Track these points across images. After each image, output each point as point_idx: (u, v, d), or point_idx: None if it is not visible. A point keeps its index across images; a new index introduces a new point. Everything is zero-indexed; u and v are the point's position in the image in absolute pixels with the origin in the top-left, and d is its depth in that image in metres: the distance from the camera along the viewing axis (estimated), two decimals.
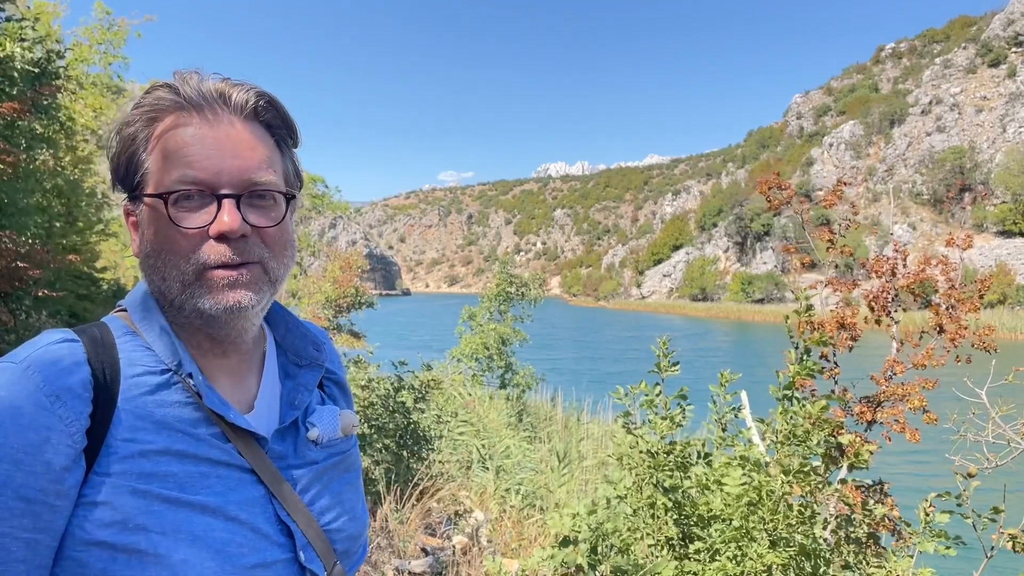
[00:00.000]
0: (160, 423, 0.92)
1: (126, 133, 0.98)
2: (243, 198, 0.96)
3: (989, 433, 4.06)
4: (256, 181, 0.97)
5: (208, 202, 0.94)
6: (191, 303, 0.95)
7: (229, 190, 0.95)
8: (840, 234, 5.53)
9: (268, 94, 1.02)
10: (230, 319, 0.98)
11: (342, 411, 1.14)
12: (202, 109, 0.97)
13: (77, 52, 13.24)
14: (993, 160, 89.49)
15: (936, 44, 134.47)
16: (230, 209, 0.94)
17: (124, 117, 0.99)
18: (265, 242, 0.98)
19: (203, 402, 0.96)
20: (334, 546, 1.05)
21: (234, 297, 0.95)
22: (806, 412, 3.44)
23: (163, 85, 0.98)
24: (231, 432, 0.97)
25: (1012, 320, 57.13)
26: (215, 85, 0.98)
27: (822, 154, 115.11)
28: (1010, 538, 3.45)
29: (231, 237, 0.94)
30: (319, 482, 1.06)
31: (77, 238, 12.60)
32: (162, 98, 0.97)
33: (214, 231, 0.94)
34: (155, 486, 0.88)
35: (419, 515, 6.07)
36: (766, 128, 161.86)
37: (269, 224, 0.98)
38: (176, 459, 0.91)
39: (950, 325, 5.05)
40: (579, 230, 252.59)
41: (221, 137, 0.96)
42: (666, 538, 3.65)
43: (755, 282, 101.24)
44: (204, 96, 0.97)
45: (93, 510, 0.85)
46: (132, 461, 0.88)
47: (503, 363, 14.91)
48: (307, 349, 1.15)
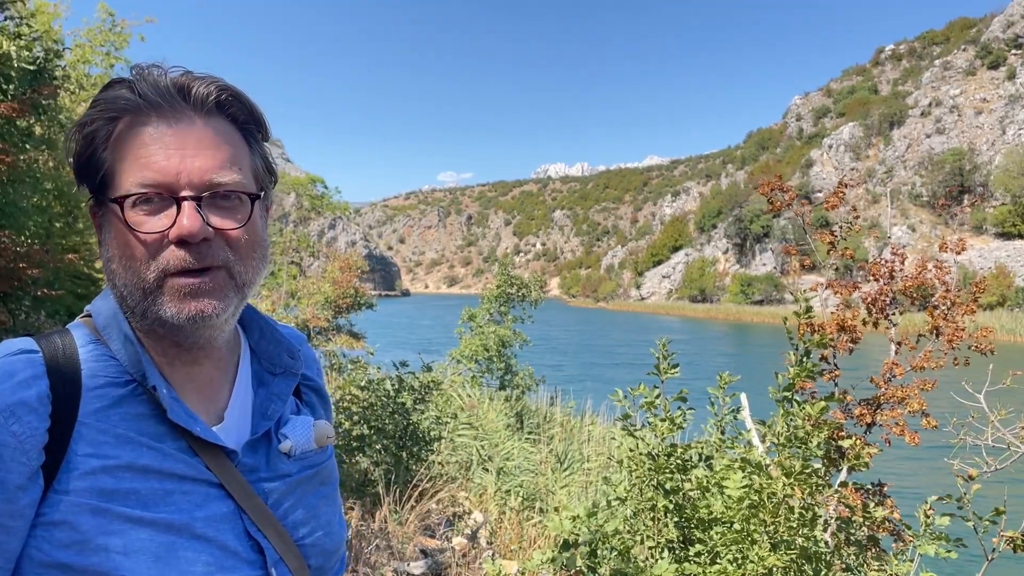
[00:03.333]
0: (123, 437, 0.88)
1: (86, 132, 0.93)
2: (204, 199, 0.91)
3: (988, 437, 4.06)
4: (218, 182, 0.91)
5: (167, 205, 0.90)
6: (153, 311, 0.91)
7: (189, 192, 0.90)
8: (841, 236, 5.53)
9: (231, 87, 0.97)
10: (194, 328, 0.93)
11: (316, 422, 1.09)
12: (160, 107, 0.92)
13: (79, 53, 13.22)
14: (992, 162, 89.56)
15: (935, 46, 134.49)
16: (190, 212, 0.89)
17: (85, 115, 0.94)
18: (230, 245, 0.93)
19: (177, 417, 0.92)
20: (308, 561, 1.01)
21: (197, 306, 0.90)
22: (806, 414, 3.43)
23: (121, 81, 0.94)
24: (198, 445, 0.93)
25: (1011, 322, 57.15)
26: (174, 80, 0.93)
27: (821, 156, 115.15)
28: (1010, 541, 3.45)
29: (192, 241, 0.89)
30: (292, 495, 1.02)
31: (77, 238, 12.60)
32: (120, 96, 0.92)
33: (173, 235, 0.89)
34: (116, 504, 0.84)
35: (418, 516, 6.06)
36: (765, 129, 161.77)
37: (234, 226, 0.93)
38: (140, 474, 0.87)
39: (947, 328, 5.05)
40: (578, 231, 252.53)
41: (180, 136, 0.91)
42: (666, 540, 3.64)
43: (754, 284, 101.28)
44: (162, 93, 0.92)
45: (52, 530, 0.82)
46: (93, 477, 0.84)
47: (503, 364, 14.91)
48: (281, 356, 1.10)
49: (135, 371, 0.92)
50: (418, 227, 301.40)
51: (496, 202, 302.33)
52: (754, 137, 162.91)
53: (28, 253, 8.29)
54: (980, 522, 3.50)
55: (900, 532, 4.28)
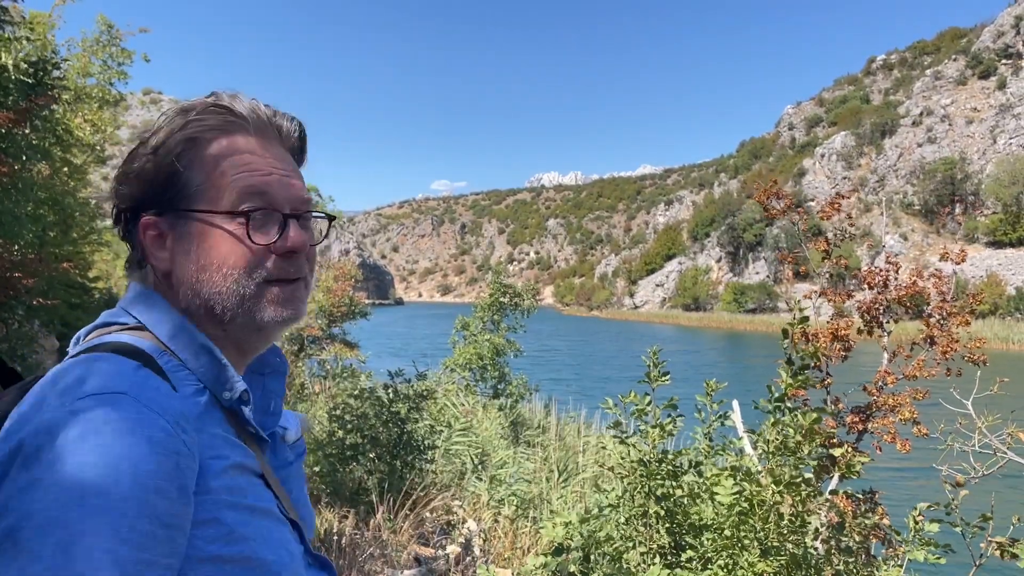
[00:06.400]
0: (222, 438, 0.96)
1: (168, 146, 0.98)
2: (300, 218, 1.03)
3: (976, 443, 4.10)
4: (308, 201, 1.05)
5: (273, 220, 1.01)
6: (248, 316, 1.00)
7: (291, 210, 1.02)
8: (835, 244, 5.59)
9: (304, 127, 1.11)
10: (277, 331, 1.04)
11: (298, 413, 1.22)
12: (260, 130, 1.04)
13: (77, 65, 13.21)
14: (983, 171, 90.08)
15: (926, 56, 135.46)
16: (298, 228, 1.02)
17: (163, 132, 0.99)
18: (308, 260, 1.06)
19: (246, 420, 1.01)
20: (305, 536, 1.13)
21: (291, 310, 1.02)
22: (797, 424, 3.47)
23: (213, 105, 1.01)
24: (250, 440, 1.02)
25: (1003, 330, 57.41)
26: (268, 112, 1.05)
27: (814, 164, 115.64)
28: (998, 546, 3.49)
29: (299, 253, 1.02)
30: (291, 480, 1.13)
31: (70, 247, 12.56)
32: (220, 118, 1.01)
33: (285, 247, 1.00)
34: (240, 498, 0.93)
35: (412, 525, 6.08)
36: (758, 139, 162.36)
37: (314, 243, 1.08)
38: (239, 471, 0.95)
39: (941, 338, 5.10)
40: (572, 240, 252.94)
41: (280, 158, 1.04)
42: (658, 546, 3.67)
43: (747, 292, 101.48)
44: (261, 119, 1.04)
45: (203, 528, 0.87)
46: (221, 477, 0.92)
47: (496, 373, 14.92)
48: (271, 358, 1.17)
49: (208, 380, 0.99)
50: (412, 236, 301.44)
51: (490, 211, 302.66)
52: (747, 146, 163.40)
53: (22, 262, 8.27)
54: (968, 528, 3.54)
55: (890, 538, 4.32)
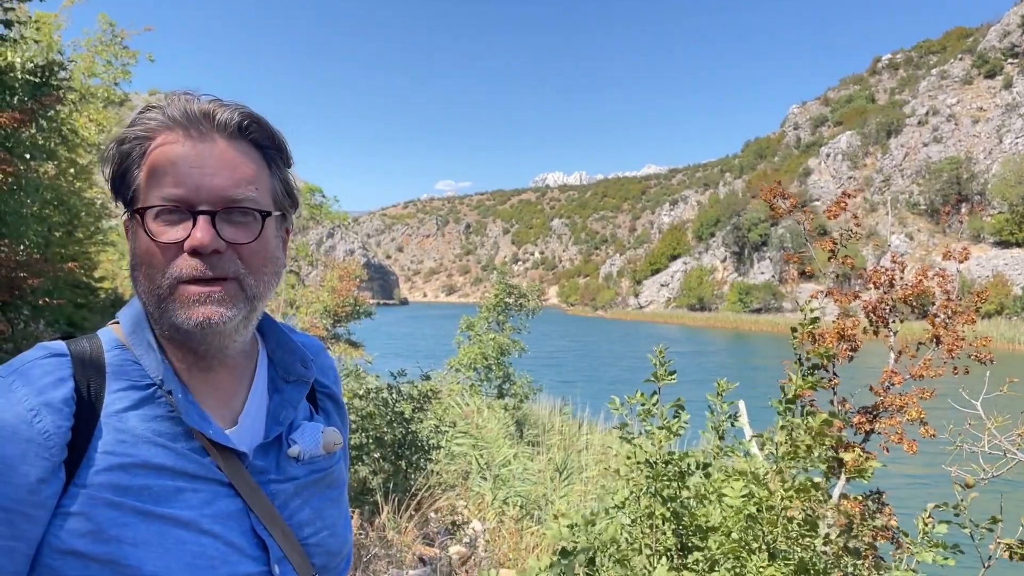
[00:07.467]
0: (140, 436, 0.95)
1: (123, 150, 1.01)
2: (220, 214, 0.98)
3: (985, 444, 4.07)
4: (234, 198, 0.99)
5: (185, 218, 0.97)
6: (166, 317, 0.98)
7: (206, 207, 0.97)
8: (842, 244, 5.56)
9: (254, 114, 1.04)
10: (204, 334, 0.99)
11: (325, 428, 1.15)
12: (188, 128, 1.00)
13: (82, 65, 13.26)
14: (990, 171, 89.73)
15: (932, 55, 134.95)
16: (203, 225, 0.96)
17: (121, 134, 1.03)
18: (243, 259, 1.00)
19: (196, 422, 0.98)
20: (312, 560, 1.07)
21: (205, 312, 0.97)
22: (807, 426, 3.44)
23: (155, 107, 1.02)
24: (211, 446, 0.99)
25: (1009, 330, 57.15)
26: (201, 106, 1.01)
27: (819, 164, 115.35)
28: (1007, 548, 3.46)
29: (203, 252, 0.96)
30: (299, 497, 1.08)
31: (76, 247, 12.61)
32: (153, 118, 1.01)
33: (187, 246, 0.96)
34: (130, 499, 0.91)
35: (417, 525, 6.07)
36: (763, 138, 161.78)
37: (246, 240, 1.00)
38: (154, 472, 0.94)
39: (947, 337, 5.07)
40: (577, 240, 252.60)
41: (202, 155, 0.99)
42: (664, 548, 3.65)
43: (753, 292, 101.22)
44: (189, 116, 1.00)
45: (69, 520, 0.89)
46: (110, 473, 0.92)
47: (501, 372, 14.92)
48: (295, 365, 1.16)
49: (155, 375, 0.99)
50: (416, 236, 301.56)
51: (494, 211, 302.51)
52: (752, 146, 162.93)
53: (28, 262, 8.29)
54: (977, 529, 3.51)
55: (898, 540, 4.29)
